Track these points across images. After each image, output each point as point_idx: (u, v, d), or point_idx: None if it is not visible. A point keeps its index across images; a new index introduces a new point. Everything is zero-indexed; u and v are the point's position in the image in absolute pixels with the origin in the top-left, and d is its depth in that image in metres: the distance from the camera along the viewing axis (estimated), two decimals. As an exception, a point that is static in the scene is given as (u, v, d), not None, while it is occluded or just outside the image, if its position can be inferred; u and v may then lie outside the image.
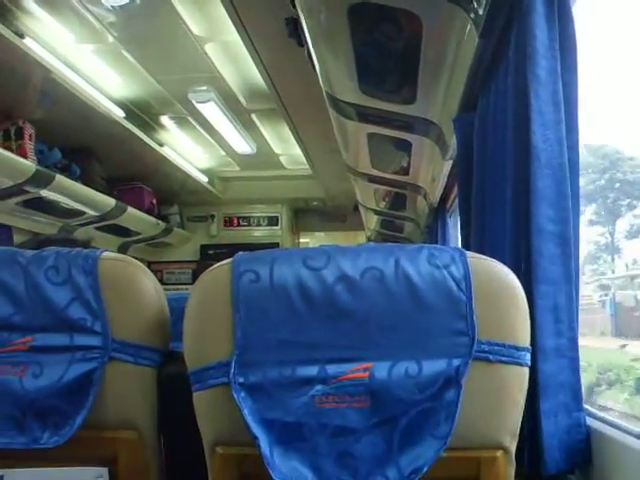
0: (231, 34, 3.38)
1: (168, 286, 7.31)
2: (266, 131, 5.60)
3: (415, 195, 4.55)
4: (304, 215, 8.41)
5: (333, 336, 1.14)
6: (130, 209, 5.66)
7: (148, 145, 5.22)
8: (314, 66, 2.72)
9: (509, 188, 1.72)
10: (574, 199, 1.52)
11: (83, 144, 4.98)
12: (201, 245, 7.81)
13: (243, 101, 4.82)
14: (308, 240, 8.73)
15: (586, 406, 1.51)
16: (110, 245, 6.07)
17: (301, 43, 2.74)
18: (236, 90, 4.62)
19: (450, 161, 3.19)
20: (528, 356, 1.18)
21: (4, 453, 1.29)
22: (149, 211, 6.30)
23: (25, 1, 3.30)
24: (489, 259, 1.20)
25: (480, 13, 1.87)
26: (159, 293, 1.40)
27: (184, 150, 5.95)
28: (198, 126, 5.30)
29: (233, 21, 3.09)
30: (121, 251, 6.37)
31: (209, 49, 3.92)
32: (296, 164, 6.56)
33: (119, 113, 4.64)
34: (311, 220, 8.41)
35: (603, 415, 1.50)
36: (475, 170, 2.20)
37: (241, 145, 5.81)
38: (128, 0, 3.25)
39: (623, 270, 8.89)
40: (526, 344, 1.18)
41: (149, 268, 1.84)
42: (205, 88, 4.53)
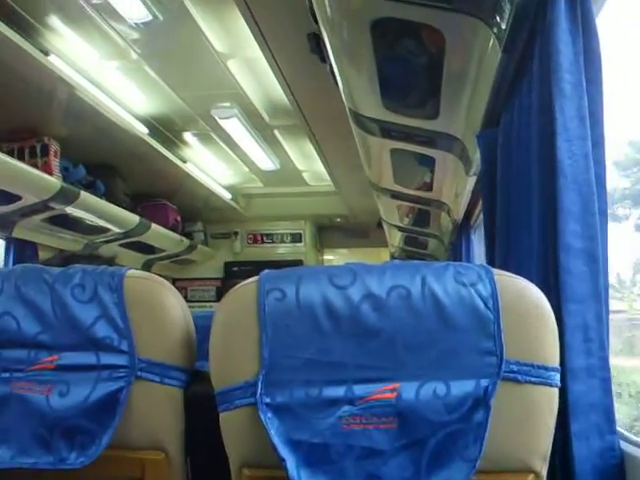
0: (253, 50, 3.39)
1: (192, 303, 7.33)
2: (289, 147, 5.59)
3: (439, 211, 4.53)
4: (327, 232, 8.39)
5: (360, 356, 1.12)
6: (154, 226, 5.66)
7: (171, 162, 5.23)
8: (336, 82, 2.72)
9: (535, 204, 1.69)
10: (601, 215, 1.49)
11: (107, 161, 5.00)
12: (225, 262, 7.80)
13: (266, 117, 4.83)
14: (332, 257, 8.70)
15: (620, 429, 1.47)
16: (134, 262, 6.09)
17: (323, 59, 2.74)
18: (259, 106, 4.62)
19: (474, 177, 3.17)
20: (558, 376, 1.16)
21: (31, 473, 1.29)
22: (173, 228, 6.29)
23: (51, 19, 3.33)
24: (516, 277, 1.18)
25: (503, 27, 1.85)
26: (185, 312, 1.39)
27: (207, 167, 5.96)
28: (221, 142, 5.30)
29: (255, 37, 3.10)
30: (145, 268, 6.39)
31: (232, 65, 3.92)
32: (319, 180, 6.55)
33: (142, 130, 4.66)
34: (334, 237, 8.38)
35: (638, 439, 1.46)
36: (499, 186, 2.18)
37: (264, 161, 5.81)
38: (151, 17, 3.27)
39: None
40: (555, 364, 1.16)
41: (173, 285, 1.83)
42: (228, 104, 4.54)
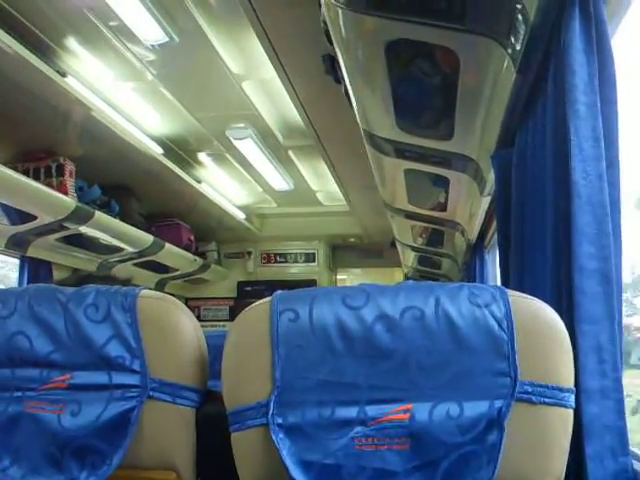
0: (268, 71, 3.41)
1: (205, 322, 7.35)
2: (303, 167, 5.60)
3: (453, 231, 4.52)
4: (341, 251, 8.35)
5: (373, 376, 1.12)
6: (168, 245, 5.68)
7: (186, 182, 5.25)
8: (351, 102, 2.72)
9: (549, 225, 1.69)
10: (615, 236, 1.49)
11: (122, 181, 5.03)
12: (238, 282, 7.80)
13: (280, 138, 4.84)
14: (345, 277, 8.68)
15: (633, 449, 1.46)
16: (148, 281, 6.12)
17: (338, 80, 2.75)
18: (273, 127, 4.64)
19: (488, 197, 3.17)
20: (572, 398, 1.15)
21: (42, 492, 1.28)
22: (187, 247, 6.30)
23: (68, 40, 3.36)
24: (531, 297, 1.18)
25: (517, 48, 1.86)
26: (197, 332, 1.39)
27: (221, 187, 5.97)
28: (235, 163, 5.32)
29: (270, 59, 3.12)
30: (158, 287, 6.42)
31: (246, 86, 3.95)
32: (333, 200, 6.55)
33: (157, 150, 4.68)
34: (348, 256, 8.34)
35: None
36: (513, 206, 2.17)
37: (278, 181, 5.83)
38: (167, 39, 3.30)
39: None
40: (570, 385, 1.15)
41: (186, 304, 1.84)
42: (242, 125, 4.56)
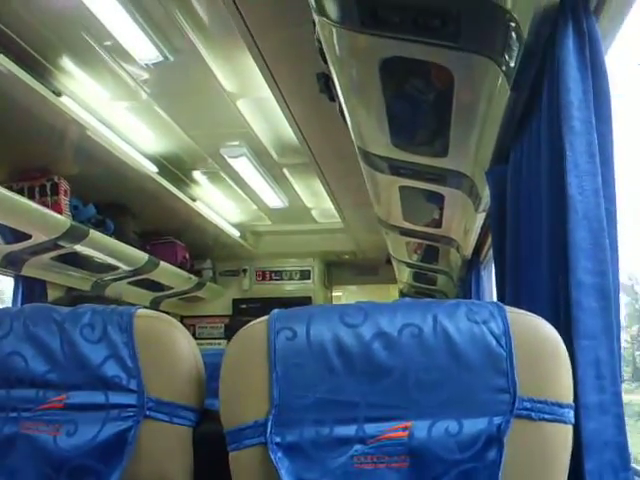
0: (263, 90, 3.41)
1: (201, 340, 7.32)
2: (298, 185, 5.61)
3: (448, 248, 4.52)
4: (336, 268, 8.35)
5: (371, 394, 1.11)
6: (163, 264, 5.68)
7: (181, 200, 5.25)
8: (345, 120, 2.73)
9: (545, 240, 1.69)
10: (612, 251, 1.49)
11: (117, 199, 5.03)
12: (233, 299, 7.78)
13: (275, 156, 4.85)
14: (340, 294, 8.67)
15: (634, 465, 1.45)
16: (142, 300, 6.10)
17: (332, 98, 2.75)
18: (268, 145, 4.64)
19: (483, 213, 3.17)
20: (572, 413, 1.15)
21: (37, 513, 1.27)
22: (182, 265, 6.30)
23: (63, 60, 3.37)
24: (529, 314, 1.18)
25: (512, 65, 1.86)
26: (194, 350, 1.38)
27: (216, 205, 5.98)
28: (230, 181, 5.32)
29: (265, 77, 3.13)
30: (153, 305, 6.41)
31: (241, 105, 3.95)
32: (328, 217, 6.55)
33: (152, 169, 4.68)
34: (343, 273, 8.34)
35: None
36: (509, 222, 2.17)
37: (273, 199, 5.84)
38: (162, 58, 3.31)
39: None
40: (569, 401, 1.15)
41: (181, 322, 1.83)
42: (237, 143, 4.56)
